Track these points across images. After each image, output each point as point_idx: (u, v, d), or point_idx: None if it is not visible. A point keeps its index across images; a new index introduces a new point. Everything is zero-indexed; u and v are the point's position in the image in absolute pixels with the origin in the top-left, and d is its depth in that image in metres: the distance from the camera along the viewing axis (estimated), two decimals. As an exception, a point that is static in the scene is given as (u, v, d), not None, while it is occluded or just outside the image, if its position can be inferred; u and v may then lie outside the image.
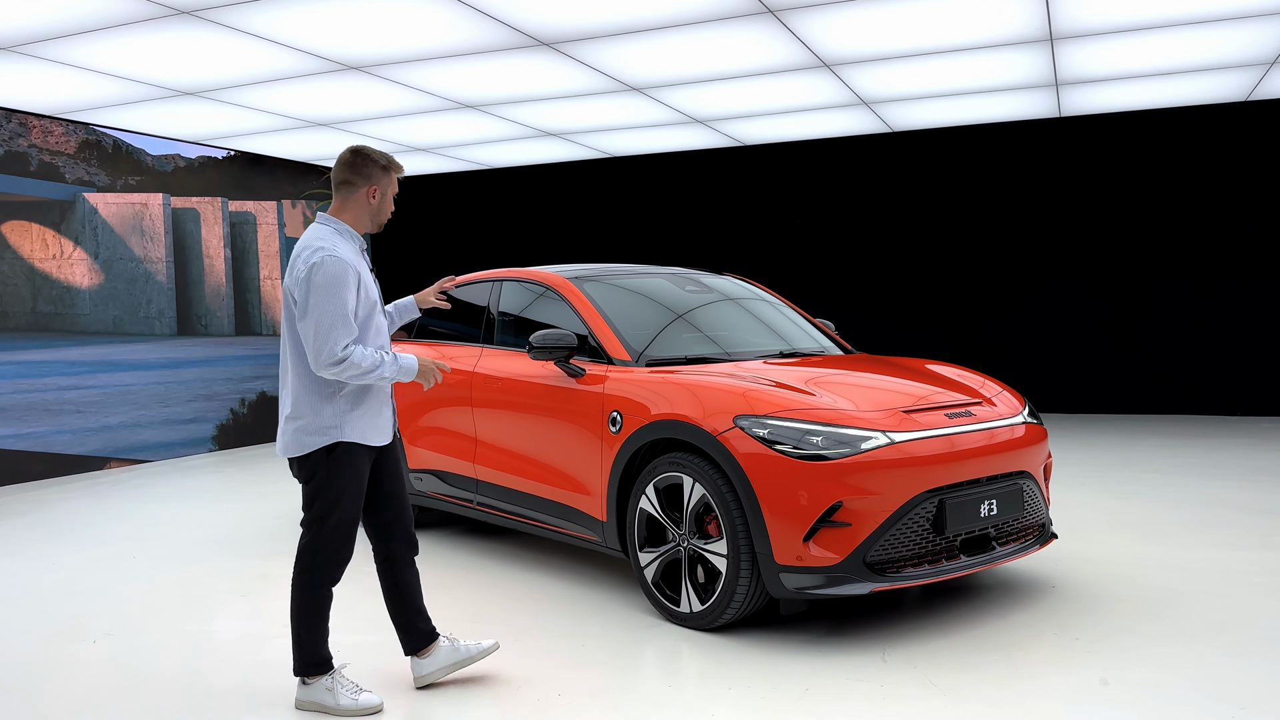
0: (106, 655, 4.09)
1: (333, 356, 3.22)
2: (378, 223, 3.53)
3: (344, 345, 3.23)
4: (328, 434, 3.33)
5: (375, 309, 3.42)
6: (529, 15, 6.33)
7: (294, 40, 6.68)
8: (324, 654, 3.47)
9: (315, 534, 3.41)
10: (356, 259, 3.38)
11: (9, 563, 5.74)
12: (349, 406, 3.36)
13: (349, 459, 3.37)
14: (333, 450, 3.35)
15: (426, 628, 3.64)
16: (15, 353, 8.72)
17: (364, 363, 3.26)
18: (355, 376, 3.27)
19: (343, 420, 3.34)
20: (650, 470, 4.31)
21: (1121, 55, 7.79)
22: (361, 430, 3.39)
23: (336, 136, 10.01)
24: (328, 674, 3.45)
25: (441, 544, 5.87)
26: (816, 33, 6.91)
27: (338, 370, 3.24)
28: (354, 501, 3.42)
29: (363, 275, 3.37)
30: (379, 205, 3.49)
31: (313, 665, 3.44)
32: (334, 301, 3.23)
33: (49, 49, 6.71)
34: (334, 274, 3.24)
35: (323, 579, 3.43)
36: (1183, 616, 4.20)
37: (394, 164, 3.52)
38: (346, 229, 3.44)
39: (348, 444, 3.36)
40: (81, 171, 9.25)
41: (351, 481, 3.39)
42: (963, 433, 4.16)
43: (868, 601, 4.43)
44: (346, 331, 3.24)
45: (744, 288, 5.86)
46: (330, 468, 3.36)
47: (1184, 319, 10.25)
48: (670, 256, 11.25)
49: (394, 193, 3.54)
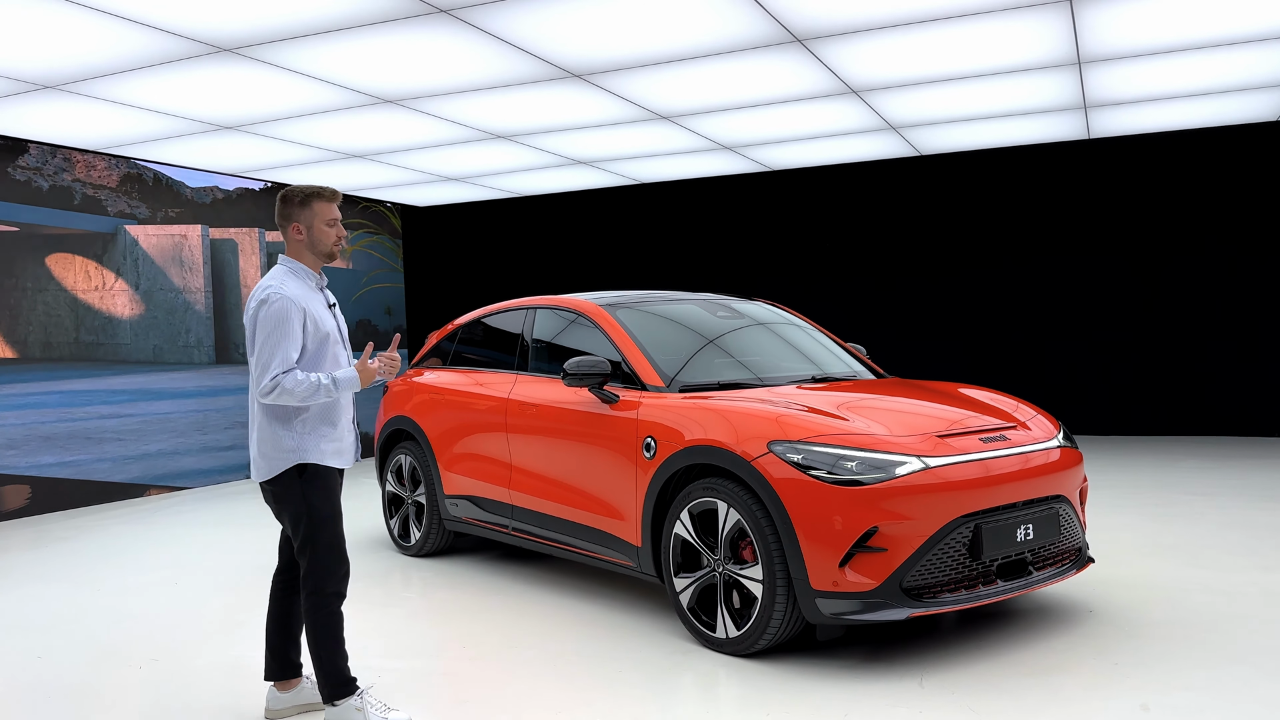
0: (152, 680, 4.16)
1: (264, 387, 3.37)
2: (321, 253, 3.59)
3: (273, 375, 3.36)
4: (290, 457, 3.46)
5: (328, 341, 3.52)
6: (559, 48, 6.44)
7: (331, 75, 6.83)
8: (347, 675, 3.52)
9: (311, 557, 3.49)
10: (306, 295, 3.50)
11: (54, 588, 5.85)
12: (308, 429, 3.48)
13: (320, 479, 3.50)
14: (304, 472, 3.48)
15: (296, 660, 3.71)
16: (59, 382, 8.91)
17: (298, 388, 3.36)
18: (293, 400, 3.38)
19: (301, 444, 3.47)
20: (684, 496, 4.34)
21: (1150, 77, 7.78)
22: (322, 453, 3.50)
23: (371, 168, 10.18)
24: (355, 694, 3.50)
25: (477, 569, 5.92)
26: (845, 61, 6.96)
27: (271, 397, 3.37)
28: (335, 518, 3.53)
29: (310, 310, 3.48)
30: (310, 238, 3.56)
31: (339, 686, 3.50)
32: (274, 336, 3.38)
33: (94, 87, 6.90)
34: (275, 311, 3.40)
35: (330, 599, 3.50)
36: (1225, 641, 4.16)
37: (314, 195, 3.56)
38: (299, 267, 3.58)
39: (317, 467, 3.49)
40: (123, 204, 9.46)
41: (328, 499, 3.52)
42: (997, 457, 4.16)
43: (905, 627, 4.42)
44: (281, 364, 3.37)
45: (775, 313, 5.90)
46: (304, 489, 3.48)
47: (1219, 339, 10.15)
48: (701, 282, 11.31)
49: (325, 220, 3.56)
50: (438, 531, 6.15)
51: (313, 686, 3.71)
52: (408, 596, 5.48)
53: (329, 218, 3.58)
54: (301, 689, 3.71)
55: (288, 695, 3.69)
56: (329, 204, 3.58)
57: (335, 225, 3.59)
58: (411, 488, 6.32)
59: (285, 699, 3.69)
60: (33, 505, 8.52)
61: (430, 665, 4.27)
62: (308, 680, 3.73)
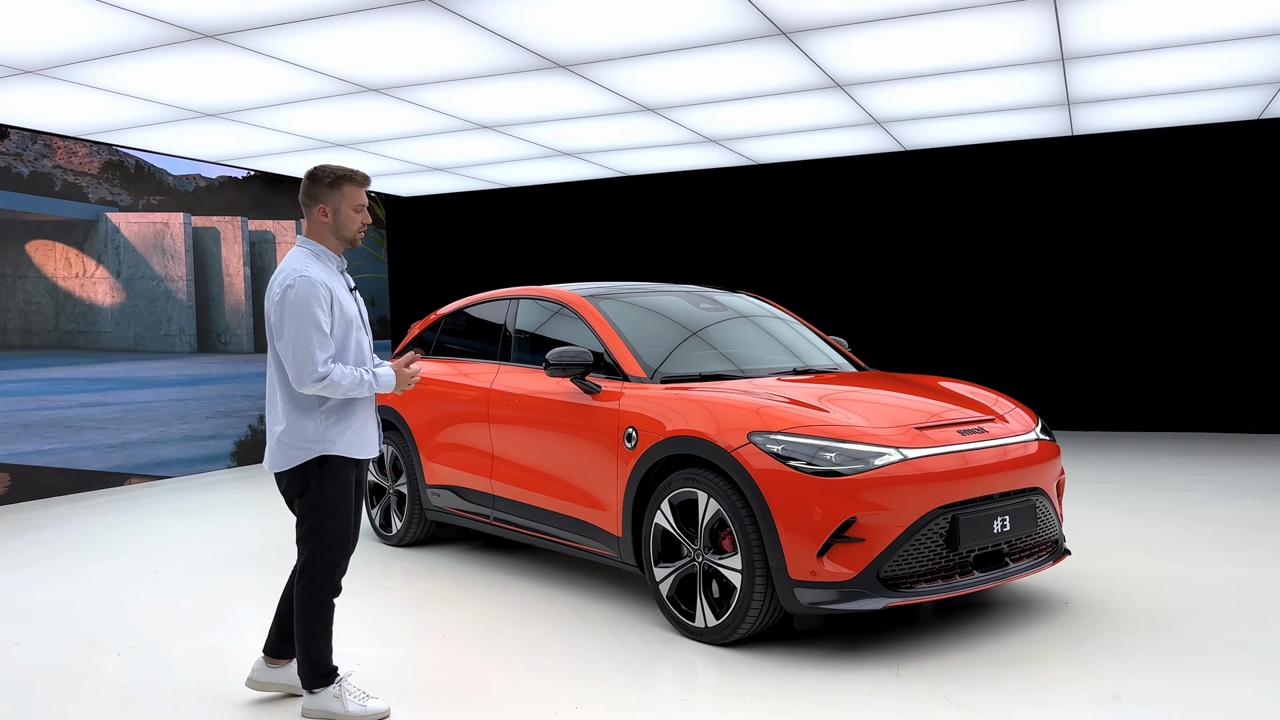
0: (130, 668, 4.15)
1: (314, 374, 3.32)
2: (344, 238, 3.55)
3: (324, 361, 3.33)
4: (312, 448, 3.43)
5: (352, 327, 3.49)
6: (545, 39, 6.43)
7: (314, 63, 6.80)
8: (330, 665, 3.55)
9: (314, 549, 3.49)
10: (330, 278, 3.46)
11: (33, 576, 5.82)
12: (333, 420, 3.45)
13: (339, 472, 3.47)
14: (324, 464, 3.44)
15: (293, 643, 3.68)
16: (38, 370, 8.84)
17: (344, 380, 3.36)
18: (338, 392, 3.37)
19: (326, 434, 3.44)
20: (665, 486, 4.36)
21: (1133, 74, 7.82)
22: (347, 444, 3.48)
23: (355, 157, 10.14)
24: (335, 682, 3.53)
25: (458, 559, 5.92)
26: (829, 54, 6.98)
27: (320, 387, 3.34)
28: (346, 513, 3.51)
29: (335, 294, 3.44)
30: (336, 221, 3.52)
31: (321, 676, 3.52)
32: (307, 321, 3.33)
33: (74, 72, 6.84)
34: (304, 294, 3.35)
35: (326, 592, 3.51)
36: (1199, 633, 4.20)
37: (346, 178, 3.52)
38: (320, 249, 3.53)
39: (336, 457, 3.46)
40: (104, 191, 9.40)
41: (342, 494, 3.49)
42: (976, 449, 4.20)
43: (882, 617, 4.45)
44: (324, 348, 3.34)
45: (758, 305, 5.92)
46: (321, 481, 3.45)
47: (1199, 337, 10.23)
48: (685, 274, 11.31)
49: (354, 205, 3.52)
50: (419, 521, 6.15)
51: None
52: (389, 586, 5.48)
53: (358, 203, 3.53)
54: (286, 669, 3.72)
55: (273, 672, 3.71)
56: (359, 189, 3.54)
57: (362, 211, 3.55)
58: (393, 477, 6.31)
59: (270, 674, 3.71)
60: (12, 493, 8.46)
61: (410, 654, 4.28)
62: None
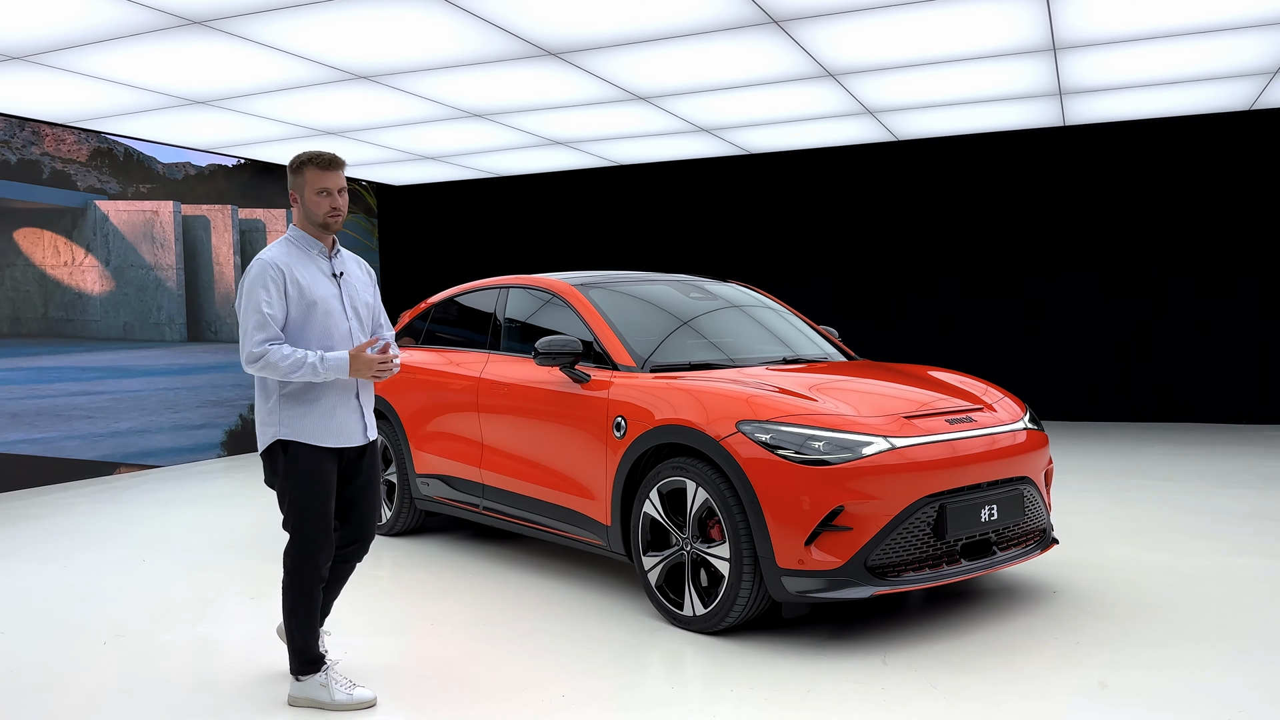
0: (117, 656, 4.14)
1: (248, 354, 3.31)
2: (316, 221, 3.48)
3: (258, 341, 3.30)
4: (269, 432, 3.42)
5: (315, 309, 3.41)
6: (536, 26, 6.40)
7: (304, 50, 6.76)
8: (315, 653, 3.53)
9: (291, 536, 3.47)
10: (296, 262, 3.43)
11: (20, 565, 5.80)
12: (290, 405, 3.40)
13: (304, 459, 3.40)
14: (287, 449, 3.41)
15: None
16: (27, 358, 8.80)
17: (282, 362, 3.28)
18: (277, 374, 3.31)
19: (282, 419, 3.39)
20: (654, 475, 4.35)
21: (1125, 65, 7.82)
22: (307, 430, 3.40)
23: (345, 145, 10.09)
24: (321, 670, 3.52)
25: (447, 548, 5.92)
26: (820, 43, 6.96)
27: (255, 367, 3.31)
28: (318, 502, 3.42)
29: (294, 275, 3.39)
30: (305, 205, 3.47)
31: (307, 663, 3.52)
32: (249, 301, 3.34)
33: (61, 58, 6.79)
34: (252, 276, 3.37)
35: (307, 579, 3.48)
36: (1185, 621, 4.22)
37: (307, 161, 3.47)
38: (300, 235, 3.51)
39: (300, 444, 3.39)
40: (93, 179, 9.34)
41: (311, 482, 3.40)
42: (964, 438, 4.20)
43: (869, 605, 4.46)
44: (261, 328, 3.30)
45: (749, 295, 5.91)
46: (288, 467, 3.41)
47: (1189, 328, 10.26)
48: (675, 264, 11.31)
49: (315, 189, 3.44)
50: (409, 511, 6.14)
51: None
52: (378, 575, 5.47)
53: (318, 187, 3.44)
54: None
55: None
56: (320, 172, 3.45)
57: (327, 195, 3.45)
58: (383, 467, 6.30)
59: None
60: (0, 482, 8.43)
61: (399, 643, 4.28)
62: None
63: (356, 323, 3.55)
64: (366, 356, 3.36)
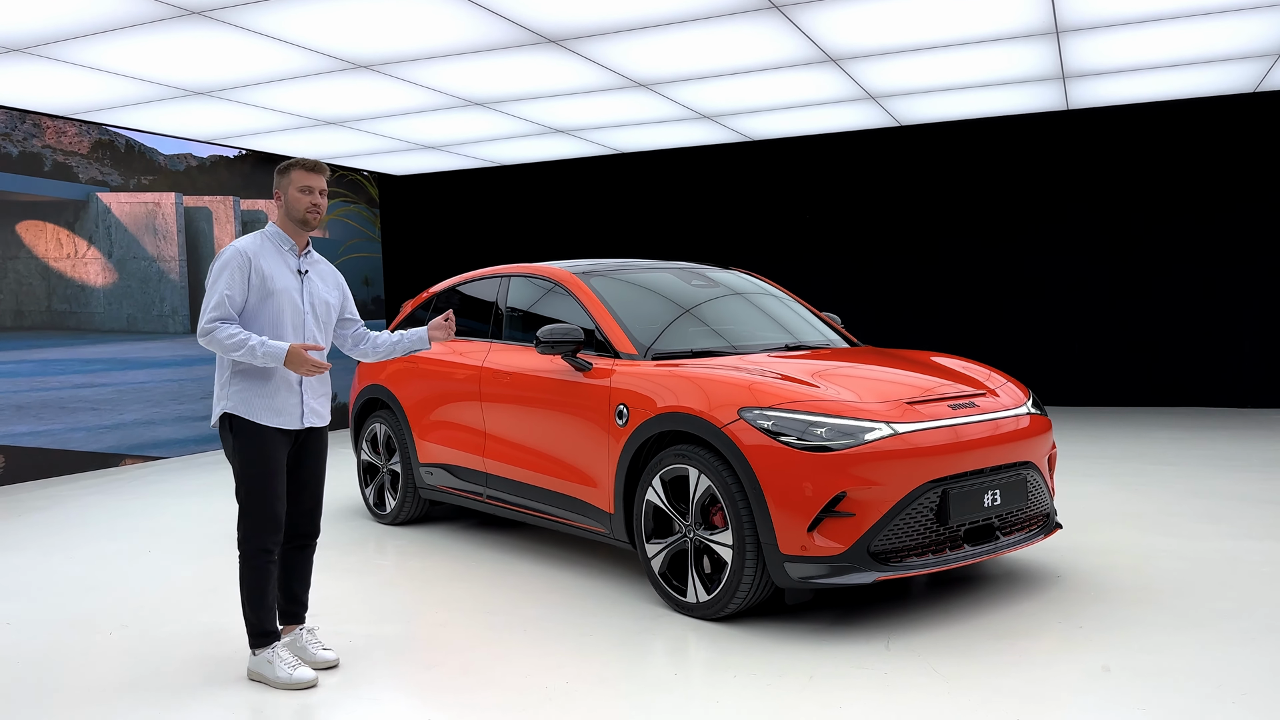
0: (122, 646, 4.16)
1: (201, 328, 3.58)
2: (295, 219, 3.74)
3: (210, 319, 3.56)
4: (219, 405, 3.67)
5: (272, 298, 3.65)
6: (537, 13, 6.38)
7: (304, 40, 6.74)
8: (268, 627, 3.68)
9: (240, 510, 3.67)
10: (264, 253, 3.69)
11: (25, 557, 5.83)
12: (235, 382, 3.64)
13: (250, 436, 3.62)
14: (233, 424, 3.64)
15: (290, 610, 3.84)
16: (31, 351, 8.82)
17: (226, 340, 3.53)
18: (220, 349, 3.57)
19: (229, 394, 3.64)
20: (657, 462, 4.35)
21: (1128, 47, 7.78)
22: (251, 407, 3.62)
23: (347, 135, 10.08)
24: (270, 646, 3.66)
25: (451, 537, 5.93)
26: (822, 27, 6.93)
27: (204, 340, 3.58)
28: (264, 477, 3.62)
29: (260, 265, 3.64)
30: (287, 204, 3.74)
31: (258, 637, 3.67)
32: (215, 284, 3.61)
33: (62, 50, 6.79)
34: (222, 261, 3.63)
35: (254, 549, 3.63)
36: (1188, 605, 4.22)
37: (294, 165, 3.75)
38: (274, 231, 3.78)
39: (245, 421, 3.61)
40: (95, 171, 9.34)
41: (257, 458, 3.62)
42: (966, 424, 4.19)
43: (872, 591, 4.46)
44: (217, 309, 3.57)
45: (750, 282, 5.90)
46: (235, 443, 3.65)
47: (1193, 312, 10.23)
48: (677, 251, 11.29)
49: (299, 186, 3.71)
50: (413, 500, 6.15)
51: (302, 635, 3.84)
52: (382, 564, 5.49)
53: (301, 184, 3.71)
54: (289, 635, 3.83)
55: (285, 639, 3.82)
56: (306, 173, 3.73)
57: (309, 194, 3.72)
58: (386, 456, 6.31)
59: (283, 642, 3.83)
60: (5, 474, 8.46)
61: (403, 630, 4.29)
62: (302, 630, 3.85)
63: (313, 317, 3.78)
64: (304, 355, 3.57)
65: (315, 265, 3.86)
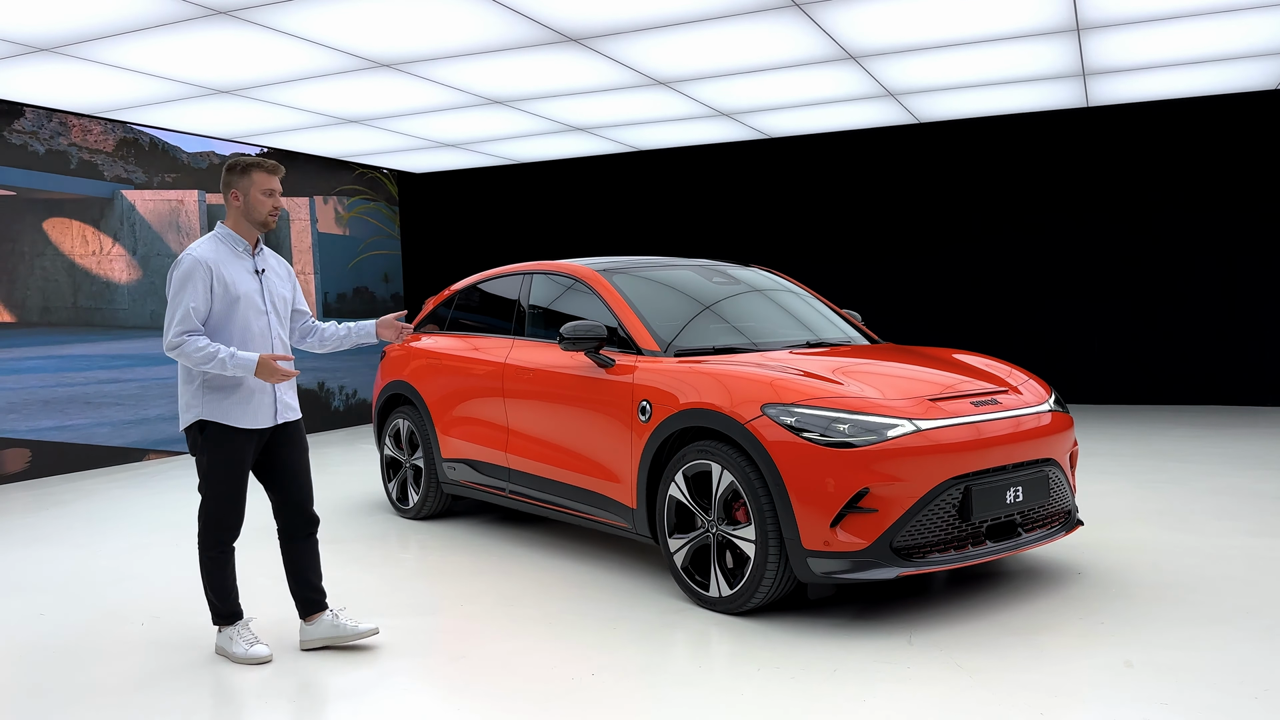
0: (153, 637, 4.23)
1: (167, 342, 3.67)
2: (255, 221, 3.82)
3: (177, 333, 3.63)
4: (191, 412, 3.77)
5: (238, 304, 3.74)
6: (557, 11, 6.42)
7: (326, 39, 6.80)
8: (229, 608, 3.91)
9: (202, 504, 3.85)
10: (223, 259, 3.75)
11: (55, 550, 5.92)
12: (207, 390, 3.74)
13: (220, 439, 3.76)
14: (204, 429, 3.76)
15: (311, 598, 4.00)
16: (57, 346, 8.94)
17: (195, 354, 3.62)
18: (190, 363, 3.65)
19: (201, 401, 3.74)
20: (679, 458, 4.39)
21: (1149, 44, 7.76)
22: (225, 412, 3.74)
23: (368, 133, 10.16)
24: (234, 625, 3.90)
25: (474, 531, 5.99)
26: (842, 25, 6.95)
27: (174, 354, 3.66)
28: (229, 479, 3.79)
29: (220, 273, 3.71)
30: (246, 205, 3.80)
31: (221, 616, 3.92)
32: (179, 296, 3.67)
33: (88, 49, 6.87)
34: (183, 271, 3.69)
35: (212, 542, 3.85)
36: (1209, 602, 4.23)
37: (255, 165, 3.81)
38: (228, 233, 3.84)
39: (216, 425, 3.74)
40: (120, 169, 9.45)
41: (223, 460, 3.77)
42: (989, 420, 4.21)
43: (894, 586, 4.49)
44: (182, 322, 3.64)
45: (771, 279, 5.93)
46: (204, 445, 3.77)
47: (1213, 309, 10.19)
48: (697, 249, 11.32)
49: (262, 189, 3.79)
50: (435, 494, 6.21)
51: (333, 617, 3.99)
52: (405, 558, 5.55)
53: (265, 187, 3.80)
54: (321, 621, 3.98)
55: (310, 628, 3.99)
56: (268, 175, 3.81)
57: (272, 196, 3.82)
58: (409, 451, 6.37)
59: (309, 630, 4.00)
60: (32, 469, 8.58)
61: (428, 623, 4.34)
62: (330, 613, 4.01)
63: (275, 316, 3.90)
64: (274, 365, 3.68)
65: (268, 261, 3.95)
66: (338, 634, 3.96)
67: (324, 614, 3.99)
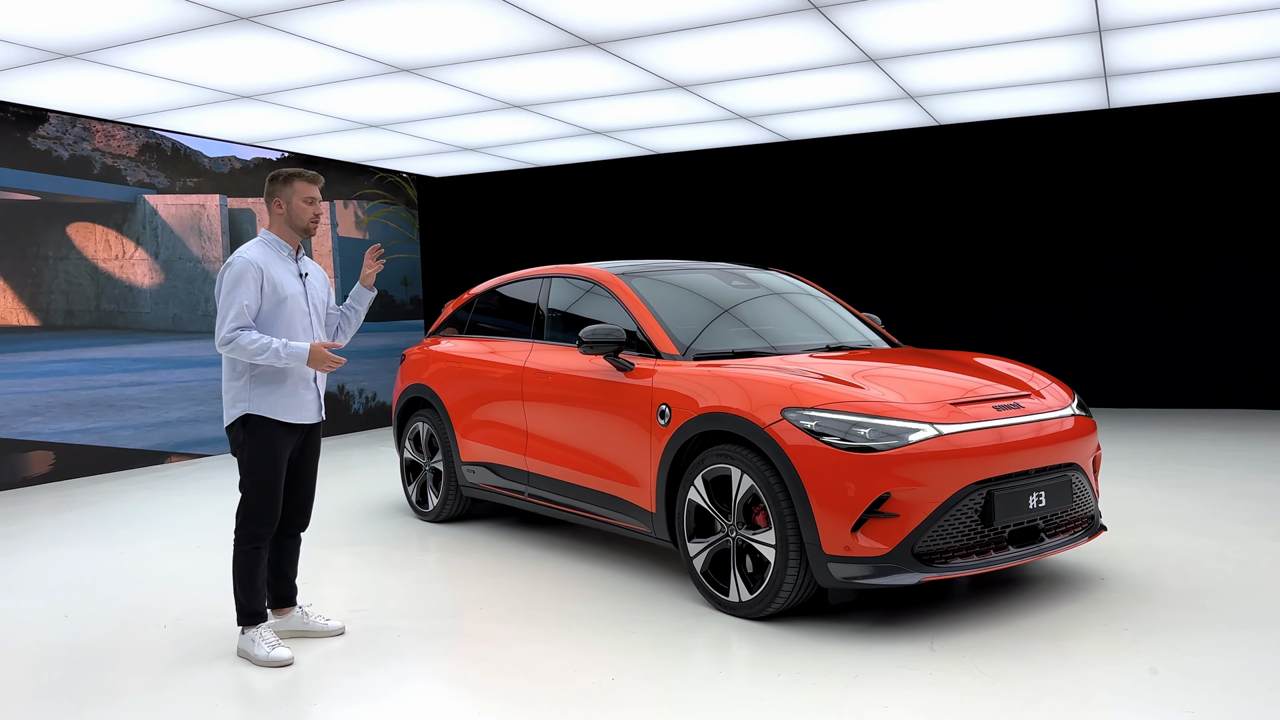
0: (177, 638, 4.26)
1: (220, 337, 3.82)
2: (297, 228, 4.01)
3: (231, 328, 3.79)
4: (238, 407, 3.90)
5: (285, 304, 3.92)
6: (576, 16, 6.43)
7: (347, 44, 6.84)
8: (256, 608, 3.96)
9: (242, 499, 3.95)
10: (270, 261, 3.93)
11: (80, 551, 5.96)
12: (255, 384, 3.88)
13: (262, 432, 3.89)
14: (247, 422, 3.89)
15: (286, 593, 4.17)
16: (80, 350, 9.02)
17: (250, 345, 3.76)
18: (244, 355, 3.78)
19: (250, 396, 3.88)
20: (699, 462, 4.38)
21: (1171, 45, 7.70)
22: (271, 406, 3.88)
23: (387, 138, 10.20)
24: (256, 626, 3.93)
25: (493, 534, 6.00)
26: (861, 27, 6.93)
27: (226, 349, 3.81)
28: (270, 470, 3.91)
29: (270, 274, 3.89)
30: (289, 212, 3.99)
31: (246, 617, 3.95)
32: (232, 294, 3.83)
33: (112, 55, 6.93)
34: (235, 272, 3.85)
35: (250, 537, 3.94)
36: (1234, 608, 4.19)
37: (296, 175, 3.99)
38: (273, 238, 4.02)
39: (260, 418, 3.87)
40: (142, 174, 9.53)
41: (266, 452, 3.89)
42: (1011, 425, 4.18)
43: (916, 592, 4.46)
44: (237, 318, 3.80)
45: (790, 282, 5.91)
46: (247, 438, 3.90)
47: (1237, 312, 10.09)
48: (716, 252, 11.30)
49: (303, 197, 3.97)
50: (455, 498, 6.23)
51: (302, 613, 4.18)
52: (425, 560, 5.57)
53: (307, 195, 3.98)
54: (291, 616, 4.16)
55: (278, 620, 4.16)
56: (309, 184, 4.00)
57: (313, 204, 4.00)
58: (429, 455, 6.39)
59: (278, 624, 4.16)
60: (56, 471, 8.66)
61: (448, 625, 4.35)
62: (300, 609, 4.19)
63: (315, 317, 4.08)
64: (325, 353, 3.85)
65: (309, 266, 4.12)
66: (306, 629, 4.14)
67: (294, 609, 4.16)
